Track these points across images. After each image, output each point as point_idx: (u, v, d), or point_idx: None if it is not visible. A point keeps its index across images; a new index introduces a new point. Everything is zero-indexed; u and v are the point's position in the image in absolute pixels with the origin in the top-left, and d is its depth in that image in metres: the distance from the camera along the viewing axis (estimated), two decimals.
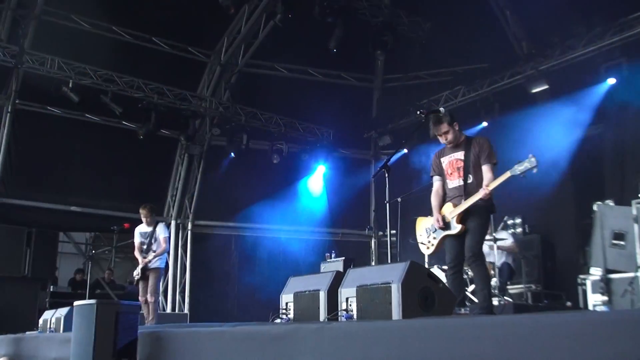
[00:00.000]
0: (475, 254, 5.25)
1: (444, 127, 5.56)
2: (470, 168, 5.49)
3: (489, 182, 5.23)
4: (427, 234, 5.69)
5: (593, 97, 11.22)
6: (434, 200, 5.75)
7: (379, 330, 3.81)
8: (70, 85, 12.24)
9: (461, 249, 5.41)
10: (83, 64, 12.42)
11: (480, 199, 5.22)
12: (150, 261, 8.79)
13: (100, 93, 12.61)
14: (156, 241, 8.96)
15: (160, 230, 9.02)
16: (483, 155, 5.43)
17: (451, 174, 5.63)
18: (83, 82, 12.39)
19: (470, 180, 5.47)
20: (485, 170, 5.39)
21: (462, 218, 5.38)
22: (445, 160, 5.70)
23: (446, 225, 5.48)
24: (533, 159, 4.98)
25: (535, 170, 5.01)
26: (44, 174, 13.22)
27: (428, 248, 5.73)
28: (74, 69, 12.29)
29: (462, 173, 5.51)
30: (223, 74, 14.35)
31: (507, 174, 5.13)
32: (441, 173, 5.73)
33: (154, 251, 8.91)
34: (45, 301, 12.18)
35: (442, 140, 5.66)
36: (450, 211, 5.45)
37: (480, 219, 5.35)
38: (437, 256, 7.65)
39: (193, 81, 14.25)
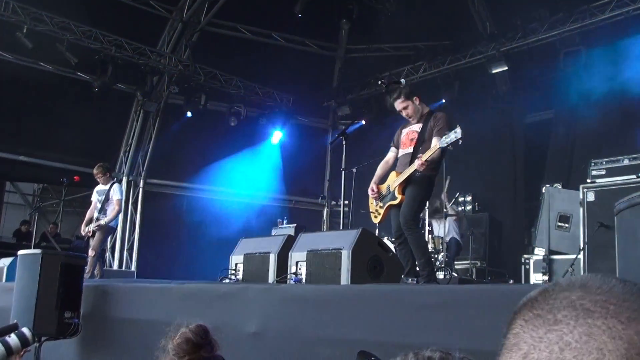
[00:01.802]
0: (408, 221, 5.27)
1: (402, 102, 5.58)
2: (423, 141, 5.51)
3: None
4: (375, 202, 5.76)
5: (549, 81, 11.44)
6: (379, 169, 5.84)
7: (327, 294, 3.86)
8: (25, 30, 11.80)
9: None
10: (39, 9, 11.96)
11: (417, 170, 5.25)
12: (106, 222, 8.68)
13: (55, 41, 12.19)
14: (109, 202, 8.83)
15: (115, 192, 8.86)
16: (436, 128, 5.41)
17: (404, 143, 5.67)
18: (38, 28, 11.94)
19: (419, 151, 5.48)
20: (434, 142, 5.36)
21: (403, 188, 5.44)
22: (404, 132, 5.76)
23: (390, 195, 5.54)
24: (458, 130, 4.99)
25: (460, 142, 5.03)
26: None
27: (376, 217, 5.81)
28: (30, 13, 11.80)
29: (413, 143, 5.54)
30: (184, 31, 14.04)
31: (436, 145, 5.18)
32: (398, 145, 5.78)
33: (106, 213, 8.78)
34: None
35: (403, 115, 5.69)
36: (393, 180, 5.51)
37: (416, 188, 5.39)
38: (388, 229, 7.77)
39: (153, 36, 13.87)
